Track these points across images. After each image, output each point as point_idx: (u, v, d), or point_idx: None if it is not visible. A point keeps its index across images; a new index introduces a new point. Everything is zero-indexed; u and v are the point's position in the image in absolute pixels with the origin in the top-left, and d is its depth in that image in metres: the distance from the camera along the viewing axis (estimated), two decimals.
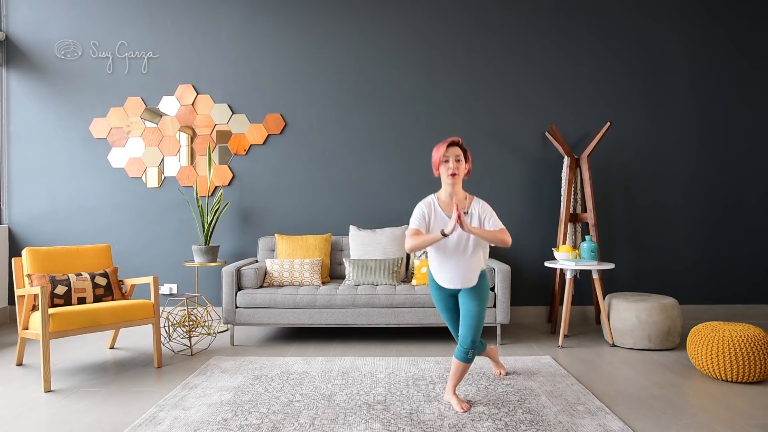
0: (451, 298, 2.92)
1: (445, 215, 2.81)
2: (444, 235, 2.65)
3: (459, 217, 2.57)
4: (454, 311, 2.94)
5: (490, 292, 4.03)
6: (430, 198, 2.88)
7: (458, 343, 2.79)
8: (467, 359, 2.75)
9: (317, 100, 4.95)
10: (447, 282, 2.84)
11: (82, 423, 2.62)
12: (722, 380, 3.21)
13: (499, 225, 2.79)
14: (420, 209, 2.84)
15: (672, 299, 4.00)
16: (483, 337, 4.30)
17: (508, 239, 2.72)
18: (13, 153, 4.99)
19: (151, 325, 3.83)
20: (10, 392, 3.07)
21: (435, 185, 4.87)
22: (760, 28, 4.92)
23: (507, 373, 3.32)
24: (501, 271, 4.01)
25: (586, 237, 4.21)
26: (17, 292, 3.43)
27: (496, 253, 4.87)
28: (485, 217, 2.81)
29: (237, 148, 4.96)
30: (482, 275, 2.88)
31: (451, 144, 2.79)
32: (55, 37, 4.98)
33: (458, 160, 2.79)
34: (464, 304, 2.82)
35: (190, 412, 2.71)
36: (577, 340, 4.22)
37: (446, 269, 2.83)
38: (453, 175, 2.77)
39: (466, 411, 2.70)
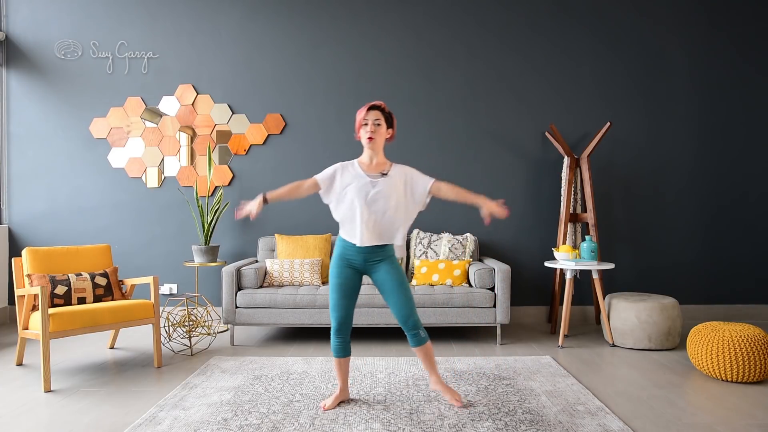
0: (353, 272, 2.74)
1: (362, 173, 2.73)
2: (265, 200, 2.66)
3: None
4: (351, 293, 2.74)
5: (490, 292, 4.03)
6: (352, 161, 2.81)
7: (407, 331, 2.69)
8: (422, 339, 2.70)
9: (317, 100, 4.95)
10: (358, 239, 2.66)
11: (82, 423, 2.62)
12: (722, 380, 3.21)
13: (430, 178, 2.80)
14: (334, 167, 2.78)
15: (672, 299, 4.00)
16: (483, 338, 4.30)
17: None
18: (13, 153, 4.99)
19: (151, 325, 3.83)
20: (10, 392, 3.07)
21: None
22: (759, 29, 4.92)
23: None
24: (501, 271, 4.01)
25: (586, 237, 4.21)
26: (17, 292, 3.43)
27: (495, 253, 4.87)
28: (411, 175, 2.79)
29: (237, 148, 4.96)
30: (390, 248, 2.79)
31: (372, 107, 2.75)
32: (55, 37, 4.98)
33: (378, 124, 2.74)
34: (386, 282, 2.71)
35: (190, 412, 2.71)
36: (577, 340, 4.22)
37: (358, 226, 2.66)
38: (369, 138, 2.72)
39: (459, 401, 2.73)
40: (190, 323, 3.97)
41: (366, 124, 2.75)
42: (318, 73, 4.95)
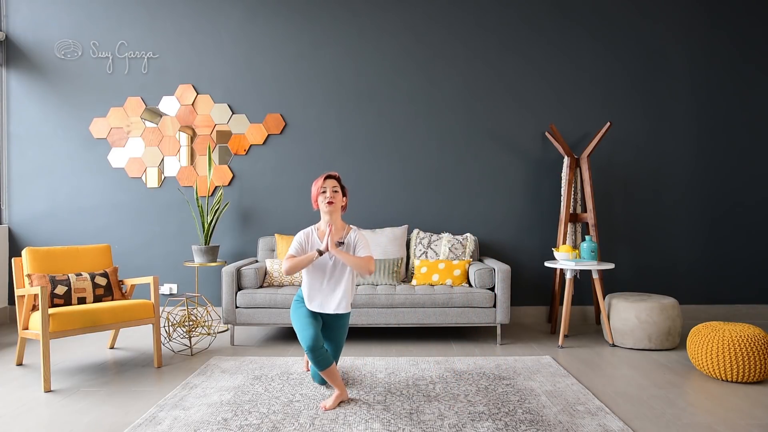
0: (314, 318, 2.95)
1: (320, 242, 2.99)
2: (320, 253, 2.86)
3: (330, 233, 2.81)
4: (315, 322, 2.90)
5: (490, 292, 4.03)
6: (310, 228, 3.06)
7: (315, 365, 2.78)
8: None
9: (317, 100, 4.95)
10: (318, 307, 2.96)
11: (82, 423, 2.62)
12: (722, 380, 3.21)
13: (368, 252, 2.95)
14: (298, 237, 3.02)
15: (672, 299, 4.00)
16: (483, 338, 4.31)
17: (372, 267, 2.89)
18: (13, 153, 4.99)
19: (151, 325, 3.83)
20: (10, 392, 3.07)
21: (434, 185, 4.89)
22: (759, 29, 4.92)
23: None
24: (501, 271, 4.01)
25: (586, 237, 4.21)
26: (17, 292, 3.43)
27: (495, 253, 4.87)
28: (356, 243, 2.99)
29: (237, 148, 4.96)
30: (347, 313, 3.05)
31: (328, 177, 3.00)
32: (55, 37, 4.98)
33: (335, 191, 2.98)
34: (332, 333, 3.03)
35: (190, 412, 2.71)
36: (577, 340, 4.22)
37: (319, 295, 2.97)
38: (329, 203, 2.94)
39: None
40: (190, 323, 3.97)
41: (324, 192, 2.97)
42: (318, 73, 4.95)
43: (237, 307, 4.06)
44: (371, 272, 2.88)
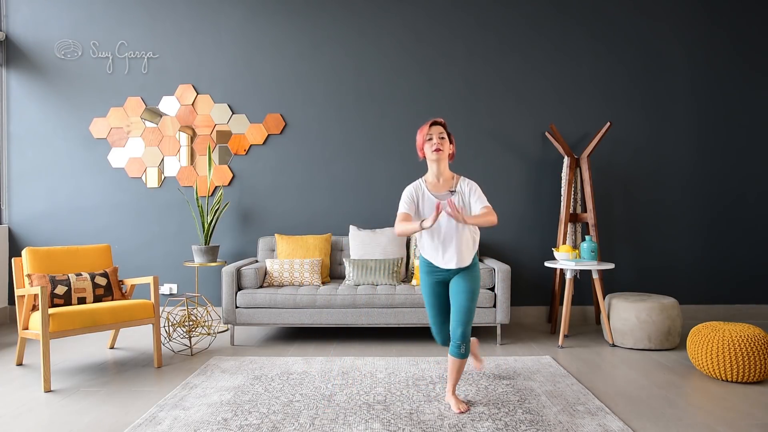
0: (441, 286, 2.85)
1: (432, 197, 2.79)
2: (422, 228, 2.62)
3: (437, 214, 2.53)
4: (443, 302, 2.86)
5: (490, 292, 4.03)
6: (418, 181, 2.87)
7: (451, 339, 2.74)
8: (461, 354, 2.71)
9: (317, 100, 4.95)
10: (444, 262, 2.78)
11: (82, 423, 2.62)
12: (722, 380, 3.21)
13: (485, 202, 2.76)
14: (408, 192, 2.83)
15: (672, 299, 4.00)
16: (483, 338, 4.30)
17: (494, 218, 2.69)
18: (13, 153, 4.99)
19: (151, 325, 3.83)
20: (10, 392, 3.07)
21: None
22: (759, 29, 4.92)
23: (482, 368, 3.30)
24: (501, 271, 4.01)
25: (586, 237, 4.21)
26: (17, 292, 3.43)
27: (495, 253, 4.87)
28: (470, 193, 2.79)
29: (237, 148, 4.96)
30: (474, 259, 2.84)
31: (434, 123, 2.81)
32: (55, 37, 4.98)
33: (442, 138, 2.79)
34: (456, 296, 2.76)
35: (190, 412, 2.71)
36: (577, 340, 4.22)
37: (440, 250, 2.78)
38: (437, 150, 2.75)
39: (463, 412, 2.69)
40: (190, 323, 3.97)
41: (430, 139, 2.78)
42: (318, 73, 4.95)
43: (237, 307, 4.06)
44: (495, 223, 2.70)
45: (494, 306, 4.01)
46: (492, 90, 4.92)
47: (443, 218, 2.75)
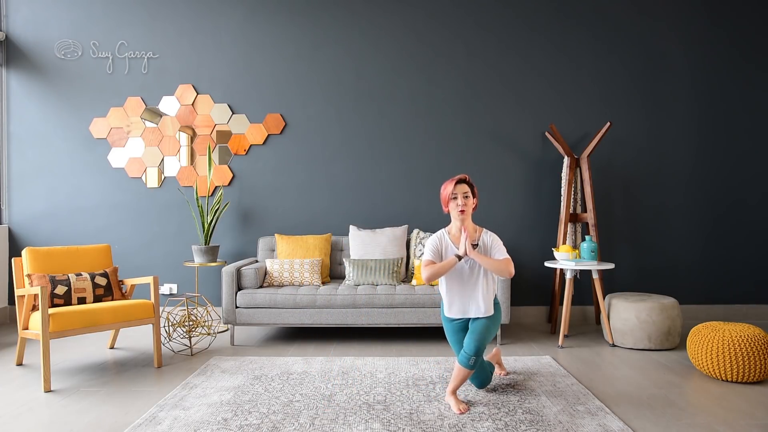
0: (462, 331, 2.99)
1: (455, 247, 2.95)
2: (459, 258, 2.84)
3: (467, 237, 2.77)
4: (462, 337, 2.99)
5: None
6: (441, 232, 3.02)
7: (463, 348, 2.80)
8: (469, 365, 2.75)
9: (317, 100, 4.95)
10: (458, 312, 2.95)
11: (82, 423, 2.62)
12: (722, 380, 3.21)
13: (505, 254, 2.91)
14: (433, 242, 2.98)
15: (672, 299, 4.00)
16: None
17: (512, 269, 2.86)
18: (13, 153, 4.99)
19: (151, 325, 3.83)
20: (10, 392, 3.07)
21: (434, 185, 4.89)
22: (759, 29, 4.92)
23: (508, 373, 3.33)
24: None
25: (586, 237, 4.21)
26: (17, 292, 3.43)
27: None
28: (491, 245, 2.96)
29: (237, 148, 4.96)
30: (497, 304, 3.02)
31: (459, 182, 2.93)
32: (55, 37, 4.98)
33: (466, 197, 2.92)
34: (475, 322, 2.91)
35: (190, 412, 2.71)
36: (577, 340, 4.22)
37: (458, 299, 2.95)
38: (462, 212, 2.90)
39: (463, 412, 2.70)
40: (190, 323, 3.97)
41: (455, 198, 2.92)
42: (318, 73, 4.95)
43: (237, 307, 4.06)
44: (511, 274, 2.86)
45: None
46: (492, 90, 4.92)
47: (464, 266, 2.93)
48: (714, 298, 4.92)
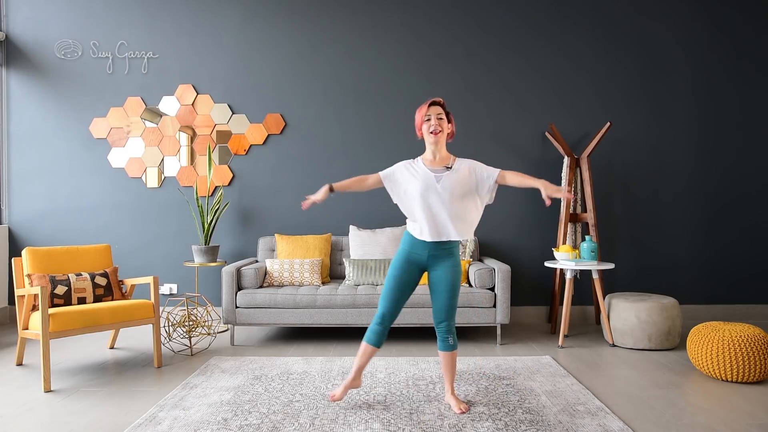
0: (415, 267, 2.73)
1: (428, 170, 2.75)
2: (331, 189, 2.74)
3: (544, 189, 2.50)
4: (406, 288, 2.74)
5: (490, 292, 4.03)
6: (416, 159, 2.86)
7: (437, 334, 2.73)
8: (449, 346, 2.71)
9: (317, 100, 4.95)
10: (428, 235, 2.64)
11: (82, 423, 2.62)
12: (722, 380, 3.21)
13: (495, 168, 2.73)
14: (400, 165, 2.83)
15: (672, 299, 4.00)
16: (483, 338, 4.30)
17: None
18: (13, 153, 4.99)
19: (151, 325, 3.83)
20: (10, 392, 3.06)
21: None
22: (759, 29, 4.92)
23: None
24: (501, 271, 4.01)
25: (586, 237, 4.21)
26: (17, 292, 3.43)
27: (495, 253, 4.87)
28: (478, 169, 2.73)
29: (237, 148, 4.96)
30: (456, 246, 2.75)
31: (433, 103, 2.77)
32: (55, 37, 4.98)
33: (440, 119, 2.76)
34: (438, 294, 2.69)
35: (190, 412, 2.71)
36: (577, 340, 4.22)
37: (426, 223, 2.66)
38: (435, 132, 2.73)
39: (464, 412, 2.69)
40: (190, 323, 3.97)
41: (429, 119, 2.75)
42: (318, 73, 4.95)
43: (237, 307, 4.06)
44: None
45: (494, 306, 4.01)
46: (492, 90, 4.92)
47: (436, 192, 2.65)
48: (714, 298, 4.92)
